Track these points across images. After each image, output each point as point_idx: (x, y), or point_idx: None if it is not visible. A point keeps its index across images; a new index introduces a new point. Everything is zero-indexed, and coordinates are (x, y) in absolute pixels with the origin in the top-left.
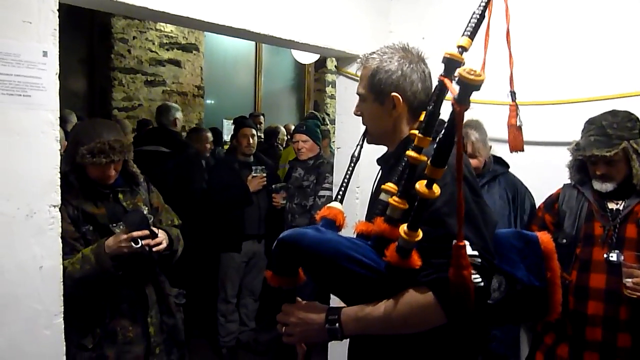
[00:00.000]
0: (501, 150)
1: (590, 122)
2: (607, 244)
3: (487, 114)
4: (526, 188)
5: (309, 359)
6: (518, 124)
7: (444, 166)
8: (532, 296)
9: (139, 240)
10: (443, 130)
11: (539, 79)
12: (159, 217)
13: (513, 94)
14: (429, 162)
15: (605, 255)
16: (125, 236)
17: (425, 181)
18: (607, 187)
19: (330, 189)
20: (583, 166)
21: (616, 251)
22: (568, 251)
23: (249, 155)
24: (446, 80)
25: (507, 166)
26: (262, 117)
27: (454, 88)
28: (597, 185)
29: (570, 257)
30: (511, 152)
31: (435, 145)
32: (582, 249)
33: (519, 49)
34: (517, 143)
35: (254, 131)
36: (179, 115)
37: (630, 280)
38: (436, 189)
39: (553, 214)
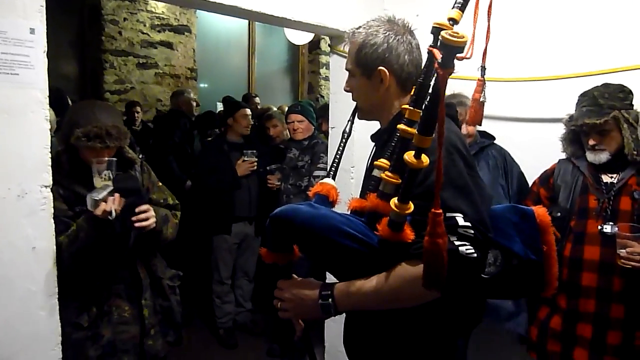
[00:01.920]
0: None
1: (583, 95)
2: (602, 217)
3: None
4: (512, 158)
5: (307, 335)
6: (482, 99)
7: (432, 134)
8: (528, 270)
9: (113, 212)
10: (428, 97)
11: (531, 55)
12: (150, 196)
13: (483, 69)
14: (416, 130)
15: (599, 227)
16: (99, 212)
17: (413, 152)
18: (601, 157)
19: (326, 169)
20: (576, 138)
21: (610, 223)
22: (562, 224)
23: (246, 135)
24: (435, 51)
25: (493, 138)
26: (257, 98)
27: (438, 54)
28: (591, 157)
29: (564, 230)
30: (469, 124)
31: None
32: (576, 222)
33: (512, 25)
34: (477, 117)
35: (249, 111)
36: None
37: (624, 250)
38: (425, 159)
39: (548, 188)
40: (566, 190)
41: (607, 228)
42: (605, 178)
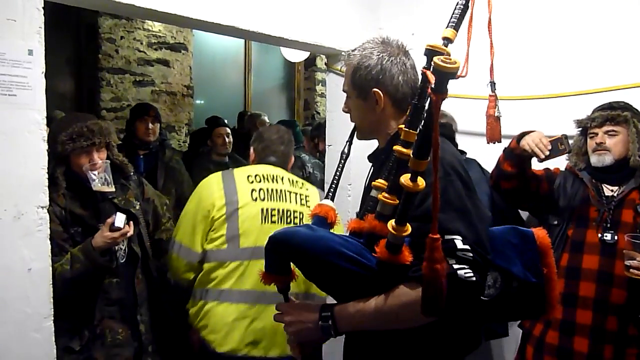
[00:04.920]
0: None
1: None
2: (602, 227)
3: (462, 107)
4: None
5: (308, 355)
6: (496, 114)
7: (427, 158)
8: (528, 293)
9: (120, 226)
10: (422, 122)
11: (531, 73)
12: (154, 208)
13: (493, 84)
14: (411, 154)
15: (599, 235)
16: (108, 232)
17: (409, 175)
18: (605, 159)
19: None
20: (582, 150)
21: (611, 231)
22: (558, 232)
23: (225, 155)
24: (428, 73)
25: (465, 153)
26: (265, 117)
27: (431, 76)
28: (594, 159)
29: (559, 239)
30: (488, 142)
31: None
32: (574, 231)
33: (513, 43)
34: (494, 134)
35: (228, 130)
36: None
37: (633, 260)
38: (421, 181)
39: (551, 186)
40: (565, 200)
41: (608, 236)
42: (607, 191)
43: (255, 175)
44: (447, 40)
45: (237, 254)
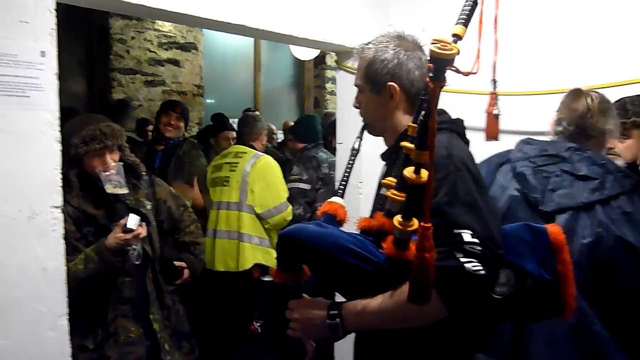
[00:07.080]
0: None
1: (615, 101)
2: None
3: (465, 102)
4: None
5: (320, 355)
6: (495, 112)
7: (428, 148)
8: (544, 291)
9: (132, 228)
10: (423, 112)
11: (544, 67)
12: (167, 209)
13: (495, 82)
14: (413, 146)
15: None
16: (120, 234)
17: (413, 167)
18: None
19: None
20: None
21: None
22: None
23: None
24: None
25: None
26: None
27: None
28: None
29: None
30: (487, 140)
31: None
32: None
33: (523, 38)
34: (492, 131)
35: (234, 134)
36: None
37: None
38: (424, 173)
39: None
40: None
41: None
42: None
43: (221, 155)
44: (457, 37)
45: (210, 205)
